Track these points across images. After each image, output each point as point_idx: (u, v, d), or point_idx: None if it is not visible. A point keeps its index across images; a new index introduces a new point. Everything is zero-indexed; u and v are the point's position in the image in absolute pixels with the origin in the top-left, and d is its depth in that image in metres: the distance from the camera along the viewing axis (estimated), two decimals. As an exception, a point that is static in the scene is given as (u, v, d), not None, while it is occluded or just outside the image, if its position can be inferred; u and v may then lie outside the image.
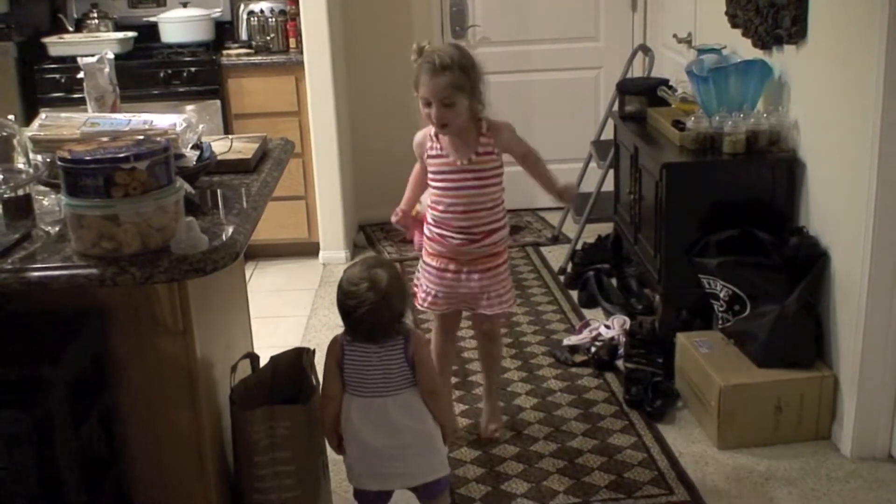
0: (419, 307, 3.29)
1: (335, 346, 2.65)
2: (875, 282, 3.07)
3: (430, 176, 3.15)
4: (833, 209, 3.29)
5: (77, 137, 2.49)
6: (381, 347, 2.60)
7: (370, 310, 2.54)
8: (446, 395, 2.85)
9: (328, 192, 5.18)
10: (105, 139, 2.31)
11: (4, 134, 2.34)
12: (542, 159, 3.25)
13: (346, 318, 2.60)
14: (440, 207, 3.12)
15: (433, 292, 3.21)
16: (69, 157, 2.09)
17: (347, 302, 2.57)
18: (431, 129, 3.09)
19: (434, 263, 3.19)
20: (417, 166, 3.28)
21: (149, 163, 2.09)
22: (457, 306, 3.26)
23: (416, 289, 3.28)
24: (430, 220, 3.18)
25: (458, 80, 2.95)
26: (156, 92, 4.97)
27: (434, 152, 3.11)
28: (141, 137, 2.29)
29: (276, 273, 5.20)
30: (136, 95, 4.61)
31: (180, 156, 2.48)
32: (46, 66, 5.01)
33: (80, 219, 2.11)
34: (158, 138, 2.30)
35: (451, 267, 3.16)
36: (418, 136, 3.19)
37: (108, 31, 5.33)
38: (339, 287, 2.61)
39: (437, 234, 3.15)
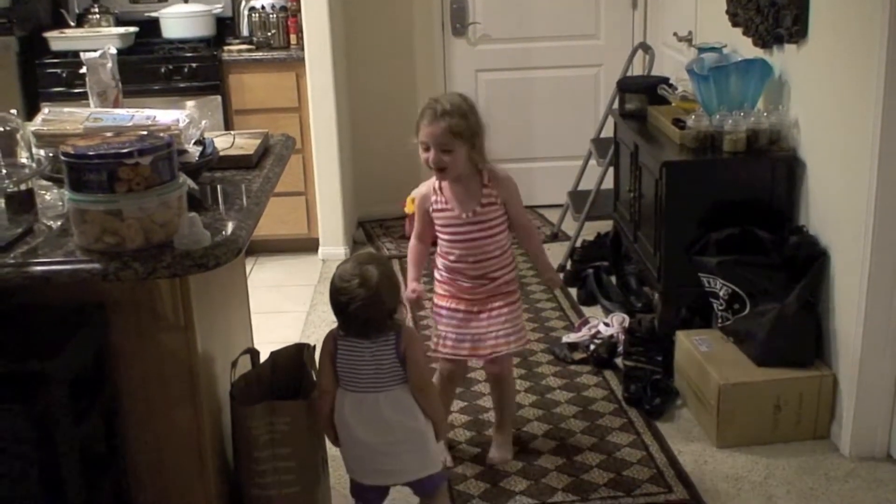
0: (431, 353, 3.15)
1: (329, 341, 2.67)
2: (875, 281, 3.07)
3: (437, 228, 3.15)
4: (833, 208, 3.30)
5: (80, 132, 2.49)
6: (372, 343, 2.61)
7: (361, 305, 2.55)
8: (436, 392, 2.83)
9: (328, 188, 5.18)
10: (109, 134, 2.32)
11: (7, 128, 2.34)
12: (538, 237, 3.28)
13: (339, 314, 2.62)
14: (451, 258, 3.13)
15: (444, 335, 3.17)
16: (73, 152, 2.10)
17: (339, 298, 2.59)
18: (435, 183, 3.11)
19: (445, 304, 3.17)
20: (413, 241, 3.24)
21: (152, 158, 2.09)
22: (469, 349, 3.16)
23: (431, 337, 3.24)
24: (440, 266, 3.18)
25: (457, 126, 2.96)
26: (156, 87, 4.97)
27: (439, 206, 3.11)
28: (144, 133, 2.29)
29: (275, 269, 5.20)
30: (137, 91, 4.60)
31: (183, 151, 2.48)
32: (47, 61, 5.01)
33: (83, 214, 2.11)
34: (162, 134, 2.31)
35: (463, 307, 3.14)
36: (422, 189, 3.18)
37: (109, 26, 5.33)
38: (332, 283, 2.63)
39: (449, 278, 3.16)
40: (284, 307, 4.69)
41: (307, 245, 5.32)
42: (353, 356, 2.63)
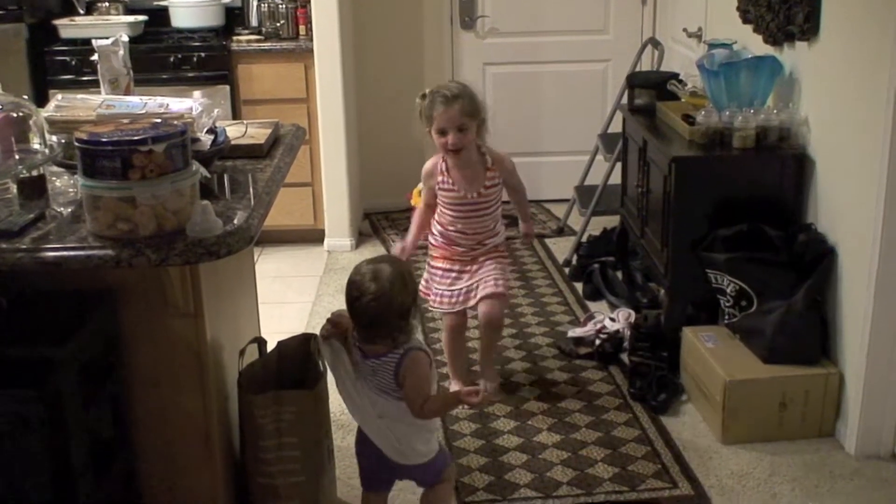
0: (431, 308, 3.65)
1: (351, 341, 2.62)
2: (882, 280, 3.07)
3: (440, 202, 3.48)
4: (842, 206, 3.30)
5: (93, 119, 2.49)
6: (374, 362, 2.56)
7: (371, 300, 2.50)
8: (433, 415, 2.75)
9: (334, 179, 5.19)
10: (123, 121, 2.32)
11: (21, 114, 2.34)
12: (526, 193, 3.66)
13: (350, 307, 2.57)
14: (450, 228, 3.48)
15: (441, 292, 3.51)
16: (86, 139, 2.10)
17: (351, 292, 2.55)
18: (441, 163, 3.44)
19: (441, 265, 3.53)
20: (422, 206, 3.58)
21: (166, 146, 2.09)
22: (463, 301, 3.50)
23: (426, 293, 3.55)
24: (436, 232, 3.53)
25: (468, 107, 3.30)
26: (165, 76, 4.98)
27: (446, 186, 3.44)
28: (158, 120, 2.29)
29: (281, 259, 5.21)
30: (146, 80, 4.57)
31: (195, 140, 2.49)
32: (57, 49, 5.01)
33: (96, 200, 2.11)
34: (175, 122, 2.31)
35: (457, 267, 3.51)
36: (428, 165, 3.51)
37: (118, 14, 5.34)
38: (348, 286, 2.58)
39: (444, 243, 3.52)
40: (290, 298, 4.69)
41: (313, 236, 5.33)
42: (359, 364, 2.59)
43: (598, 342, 3.97)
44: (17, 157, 2.29)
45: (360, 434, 2.71)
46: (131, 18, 5.21)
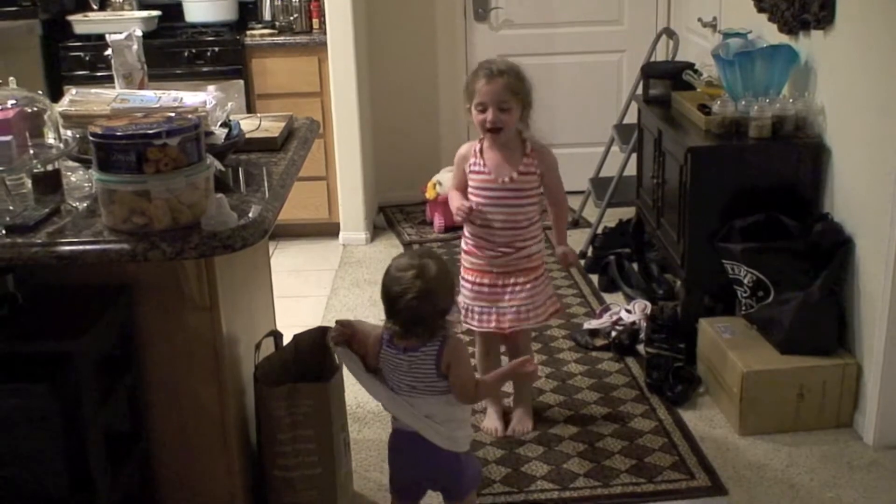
0: (463, 322, 3.29)
1: (376, 338, 2.56)
2: (900, 269, 3.06)
3: (469, 189, 3.20)
4: (858, 196, 3.28)
5: (107, 113, 2.50)
6: (411, 355, 2.48)
7: (414, 298, 2.41)
8: (480, 398, 2.66)
9: (349, 173, 5.18)
10: (137, 115, 2.32)
11: (35, 109, 2.34)
12: (566, 214, 3.40)
13: (390, 305, 2.48)
14: (478, 221, 3.18)
15: (471, 308, 3.25)
16: (101, 133, 2.10)
17: (393, 288, 2.45)
18: (476, 145, 3.19)
19: (470, 278, 3.24)
20: (454, 182, 3.30)
21: (180, 139, 2.09)
22: (495, 323, 3.23)
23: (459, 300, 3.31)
24: (467, 232, 3.25)
25: (515, 84, 3.06)
26: (179, 71, 4.99)
27: (477, 168, 3.18)
28: (172, 114, 2.30)
29: (296, 253, 5.21)
30: (160, 75, 4.60)
31: (209, 133, 2.49)
32: (71, 44, 5.03)
33: (111, 194, 2.11)
34: (189, 115, 2.31)
35: (487, 281, 3.21)
36: (463, 148, 3.26)
37: (132, 9, 5.35)
38: (387, 273, 2.49)
39: (474, 245, 3.23)
40: (305, 292, 4.70)
41: (328, 230, 5.33)
42: (391, 363, 2.52)
43: (614, 334, 3.97)
44: (31, 151, 2.30)
45: (393, 439, 2.65)
46: (145, 14, 5.22)
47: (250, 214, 2.24)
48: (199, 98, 2.58)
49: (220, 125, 2.58)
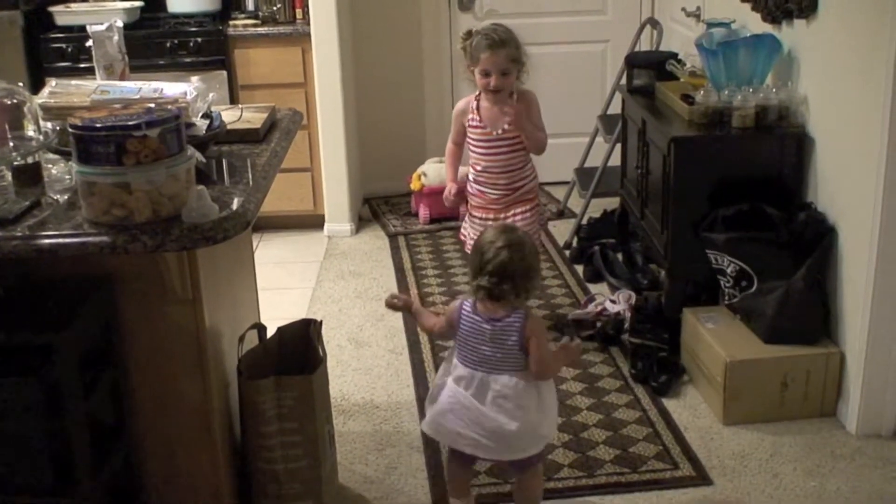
0: (468, 251, 3.72)
1: (456, 310, 2.61)
2: (883, 259, 3.06)
3: (469, 140, 3.79)
4: (841, 185, 3.28)
5: (87, 105, 2.48)
6: (495, 324, 2.53)
7: (505, 247, 2.50)
8: (559, 368, 2.86)
9: (334, 164, 5.17)
10: (117, 106, 2.31)
11: (15, 101, 2.33)
12: (542, 138, 3.79)
13: (480, 257, 2.54)
14: (479, 167, 3.79)
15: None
16: (80, 124, 2.09)
17: (484, 244, 2.54)
18: (473, 102, 3.75)
19: (479, 214, 3.83)
20: (450, 144, 3.91)
21: (160, 130, 2.08)
22: None
23: (464, 238, 3.92)
24: (471, 178, 3.83)
25: (514, 53, 3.62)
26: (161, 62, 4.95)
27: (474, 123, 3.75)
28: (152, 105, 2.28)
29: (280, 245, 5.20)
30: (142, 66, 4.58)
31: (190, 124, 2.47)
32: (53, 36, 4.99)
33: (91, 186, 2.10)
34: (169, 106, 2.29)
35: (492, 215, 3.79)
36: (461, 103, 3.84)
37: (114, 0, 5.30)
38: (477, 242, 2.59)
39: (478, 190, 3.82)
40: (290, 283, 4.69)
41: (313, 221, 5.32)
42: (473, 331, 2.56)
43: (598, 324, 3.97)
44: (11, 144, 2.28)
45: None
46: (127, 4, 5.18)
47: (232, 206, 2.23)
48: (179, 89, 2.57)
49: (202, 116, 2.56)
